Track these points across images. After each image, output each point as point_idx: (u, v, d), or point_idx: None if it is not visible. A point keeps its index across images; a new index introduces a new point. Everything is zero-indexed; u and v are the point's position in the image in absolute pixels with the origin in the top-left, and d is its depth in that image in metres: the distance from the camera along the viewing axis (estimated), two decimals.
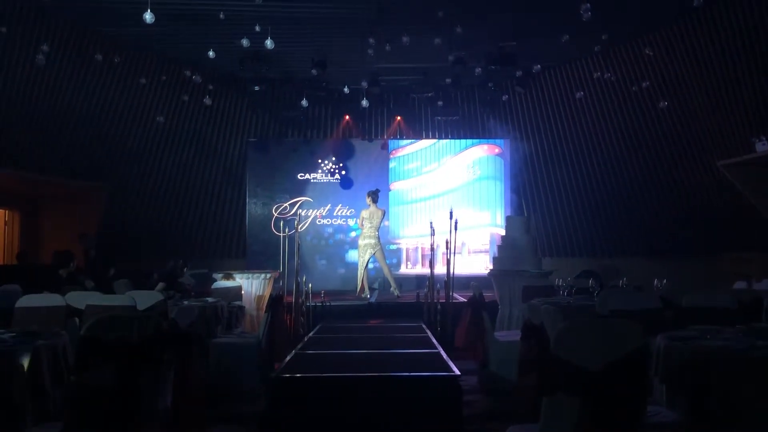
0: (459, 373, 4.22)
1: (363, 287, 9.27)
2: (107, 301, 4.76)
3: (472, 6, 8.28)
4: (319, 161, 12.03)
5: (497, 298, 7.96)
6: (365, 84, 10.74)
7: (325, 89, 11.12)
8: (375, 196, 9.42)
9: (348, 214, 11.87)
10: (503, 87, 11.35)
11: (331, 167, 12.03)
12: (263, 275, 8.20)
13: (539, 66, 10.34)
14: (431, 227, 8.21)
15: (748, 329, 3.29)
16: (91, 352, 2.82)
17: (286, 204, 11.87)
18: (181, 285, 7.12)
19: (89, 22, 8.80)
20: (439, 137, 12.33)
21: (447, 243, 7.73)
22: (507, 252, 8.97)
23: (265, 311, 7.16)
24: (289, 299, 7.38)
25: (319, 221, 11.92)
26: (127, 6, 7.96)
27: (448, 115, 11.95)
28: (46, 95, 9.07)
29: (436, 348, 5.51)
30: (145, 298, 5.12)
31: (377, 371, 4.43)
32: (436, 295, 7.50)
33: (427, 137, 12.33)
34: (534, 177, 12.00)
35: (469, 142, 12.20)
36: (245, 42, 8.28)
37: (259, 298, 8.03)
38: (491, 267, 9.36)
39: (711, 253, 10.45)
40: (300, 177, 12.00)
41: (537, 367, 3.70)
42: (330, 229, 11.95)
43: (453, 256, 7.64)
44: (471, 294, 7.54)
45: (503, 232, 9.96)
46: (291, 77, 10.84)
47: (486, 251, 11.73)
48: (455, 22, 8.50)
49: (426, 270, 9.74)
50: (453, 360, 4.71)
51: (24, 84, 8.68)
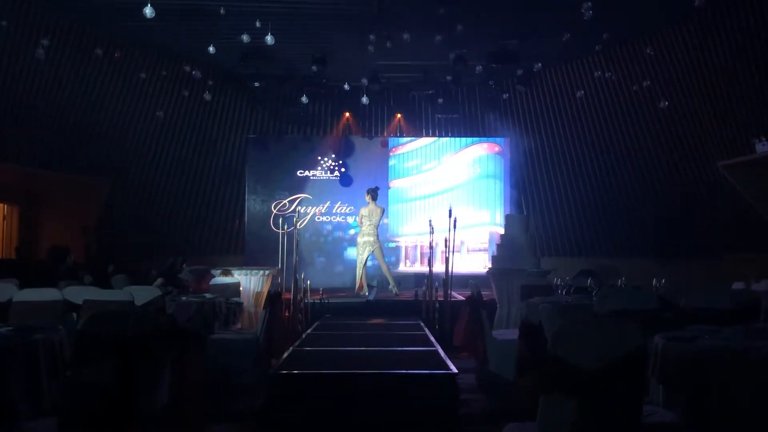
0: (456, 371, 4.24)
1: (361, 285, 9.27)
2: (105, 296, 4.77)
3: (473, 4, 8.26)
4: (319, 158, 12.02)
5: (496, 296, 7.96)
6: (365, 81, 10.71)
7: (325, 86, 11.09)
8: (374, 193, 9.41)
9: (347, 211, 11.85)
10: (504, 85, 11.31)
11: (331, 164, 12.02)
12: (262, 272, 8.18)
13: (540, 64, 10.32)
14: (430, 225, 8.22)
15: (746, 329, 3.28)
16: (89, 347, 2.82)
17: (285, 201, 11.86)
18: (180, 281, 7.12)
19: (89, 16, 8.78)
20: (439, 135, 12.31)
21: (446, 241, 7.74)
22: (506, 251, 8.98)
23: (263, 308, 7.16)
24: (288, 296, 7.38)
25: (319, 218, 11.91)
26: (128, 1, 7.94)
27: (448, 113, 11.92)
28: (45, 89, 9.05)
29: (434, 346, 5.52)
30: (143, 293, 5.11)
31: (375, 368, 4.45)
32: (434, 294, 7.51)
33: (427, 135, 12.32)
34: (534, 176, 11.99)
35: (469, 140, 12.19)
36: (245, 38, 8.27)
37: (258, 294, 8.01)
38: (490, 265, 9.37)
39: (711, 254, 10.43)
40: (299, 174, 11.99)
41: (535, 366, 3.70)
42: (329, 227, 11.94)
43: (452, 254, 7.65)
44: (469, 292, 7.51)
45: (502, 230, 9.96)
46: (291, 74, 10.81)
47: (485, 250, 11.73)
48: (456, 19, 8.48)
49: (425, 268, 9.75)
50: (451, 358, 4.72)
51: (24, 78, 8.66)
